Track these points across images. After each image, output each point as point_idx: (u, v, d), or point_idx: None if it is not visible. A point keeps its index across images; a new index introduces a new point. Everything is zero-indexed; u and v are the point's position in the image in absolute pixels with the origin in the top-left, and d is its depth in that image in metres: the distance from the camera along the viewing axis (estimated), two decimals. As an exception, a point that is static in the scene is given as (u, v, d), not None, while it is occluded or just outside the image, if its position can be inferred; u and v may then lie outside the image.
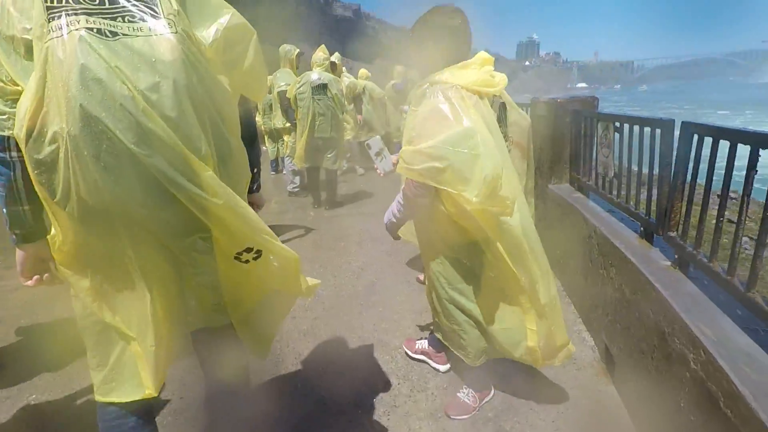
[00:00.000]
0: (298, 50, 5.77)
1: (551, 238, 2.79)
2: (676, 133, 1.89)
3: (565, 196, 3.25)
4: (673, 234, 1.97)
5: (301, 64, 5.88)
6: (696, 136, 1.77)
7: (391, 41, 72.67)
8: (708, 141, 1.70)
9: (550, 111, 3.58)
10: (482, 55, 1.66)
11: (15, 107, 0.98)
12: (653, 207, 2.18)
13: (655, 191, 2.15)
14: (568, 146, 3.49)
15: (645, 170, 2.24)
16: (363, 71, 8.33)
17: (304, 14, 53.07)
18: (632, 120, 2.38)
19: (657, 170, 2.12)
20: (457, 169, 1.46)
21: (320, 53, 5.28)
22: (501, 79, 1.65)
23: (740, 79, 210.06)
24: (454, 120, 1.49)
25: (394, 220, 1.84)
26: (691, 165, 1.83)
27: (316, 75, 5.12)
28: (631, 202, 2.47)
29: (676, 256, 1.90)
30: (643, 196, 2.36)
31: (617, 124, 2.55)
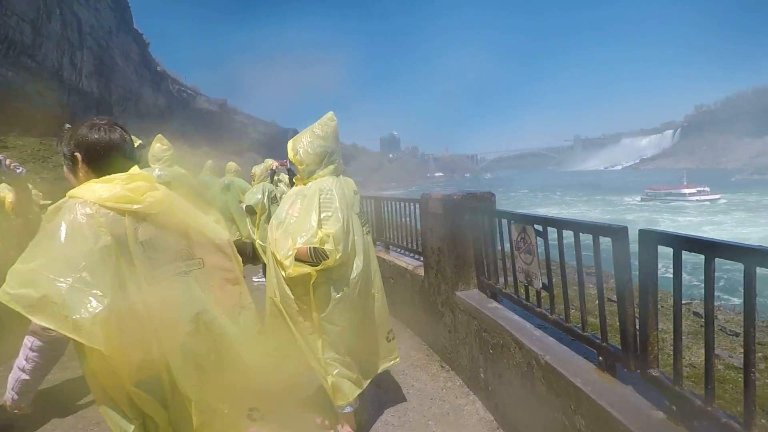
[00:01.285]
0: (139, 141, 4.75)
1: (468, 357, 2.16)
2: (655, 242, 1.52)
3: (480, 306, 2.78)
4: (657, 374, 1.51)
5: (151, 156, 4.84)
6: (671, 249, 1.40)
7: (261, 135, 73.44)
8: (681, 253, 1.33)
9: (446, 209, 3.22)
10: (134, 169, 1.39)
11: None
12: (608, 326, 1.73)
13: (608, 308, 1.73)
14: (471, 247, 3.10)
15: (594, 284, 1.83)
16: (231, 164, 7.56)
17: (166, 109, 50.99)
18: (562, 224, 2.01)
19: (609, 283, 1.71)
20: (52, 302, 1.15)
21: (158, 144, 4.30)
22: (151, 195, 1.35)
23: (555, 169, 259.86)
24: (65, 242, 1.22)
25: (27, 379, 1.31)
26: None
27: (158, 171, 4.14)
28: (574, 322, 2.03)
29: (670, 405, 1.42)
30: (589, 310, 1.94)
31: (539, 226, 2.18)
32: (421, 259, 3.93)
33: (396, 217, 4.69)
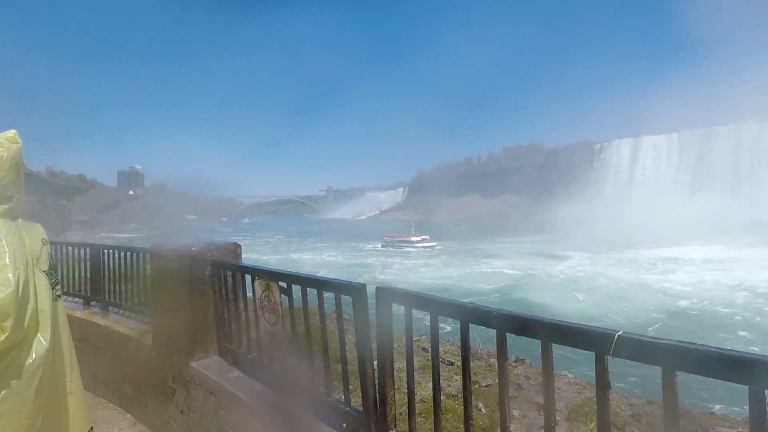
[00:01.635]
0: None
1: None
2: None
3: (220, 378, 2.36)
4: (396, 438, 1.46)
5: None
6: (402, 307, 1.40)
7: None
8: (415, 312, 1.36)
9: (183, 262, 2.72)
10: None
11: None
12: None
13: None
14: (212, 307, 2.68)
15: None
16: None
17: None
18: (307, 281, 1.87)
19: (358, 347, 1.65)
20: None
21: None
22: None
23: (311, 216, 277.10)
24: None
25: None
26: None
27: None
28: (321, 388, 1.87)
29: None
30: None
31: (283, 283, 2.00)
32: (150, 322, 3.21)
33: (120, 269, 3.77)
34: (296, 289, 1.93)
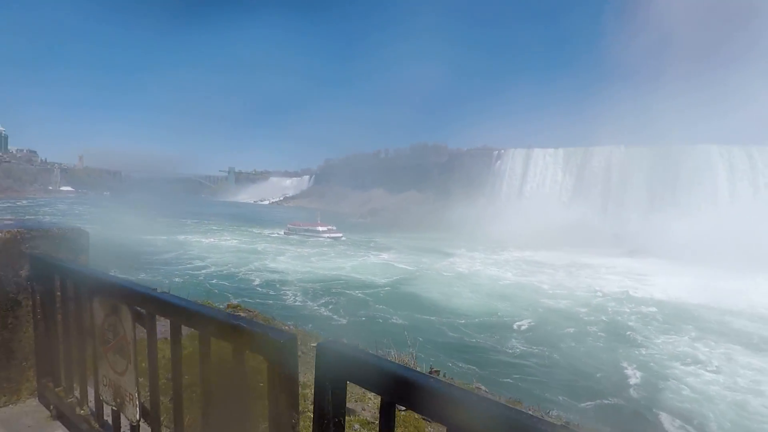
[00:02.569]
0: None
1: None
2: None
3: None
4: None
5: None
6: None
7: None
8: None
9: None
10: None
11: None
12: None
13: None
14: (29, 327, 1.72)
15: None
16: None
17: None
18: (180, 311, 1.09)
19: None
20: None
21: None
22: None
23: (209, 197, 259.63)
24: None
25: None
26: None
27: None
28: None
29: None
30: None
31: (141, 309, 1.19)
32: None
33: None
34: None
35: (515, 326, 37.57)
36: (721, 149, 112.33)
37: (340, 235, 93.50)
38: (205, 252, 66.56)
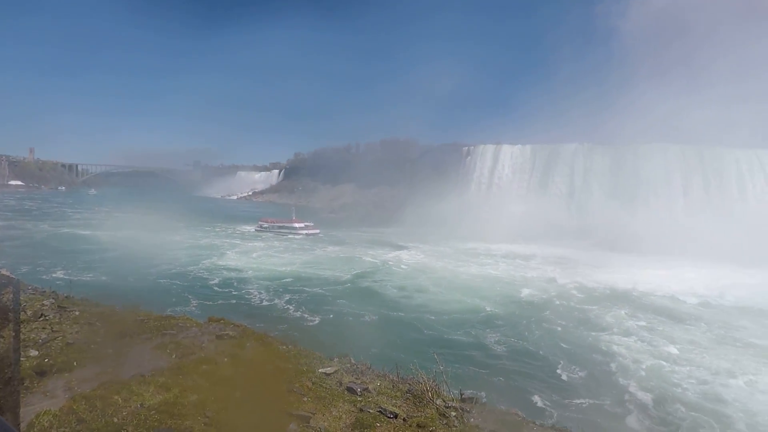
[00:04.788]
0: None
1: None
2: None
3: None
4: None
5: None
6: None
7: None
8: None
9: None
10: None
11: None
12: None
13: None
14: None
15: None
16: None
17: None
18: None
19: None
20: None
21: None
22: None
23: (175, 192, 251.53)
24: None
25: None
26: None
27: None
28: None
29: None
30: None
31: None
32: None
33: None
34: None
35: (485, 319, 38.62)
36: (675, 148, 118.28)
37: (318, 231, 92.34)
38: (155, 249, 63.69)
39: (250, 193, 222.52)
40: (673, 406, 24.29)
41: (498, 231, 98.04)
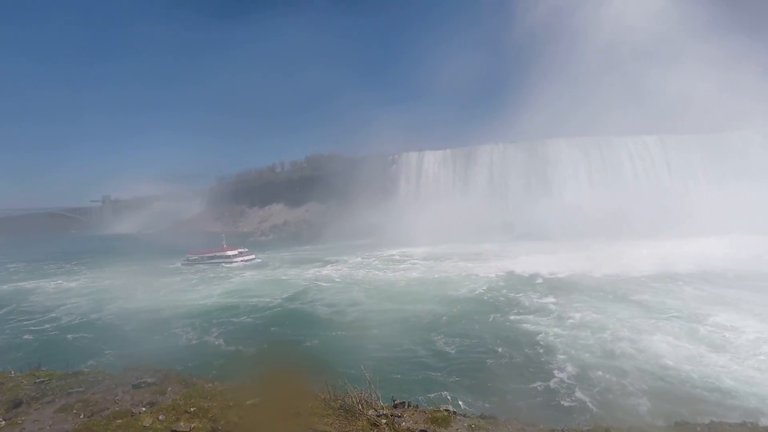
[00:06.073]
0: None
1: None
2: None
3: None
4: None
5: None
6: None
7: None
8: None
9: None
10: None
11: None
12: None
13: None
14: None
15: None
16: None
17: None
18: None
19: None
20: None
21: None
22: None
23: (82, 232, 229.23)
24: None
25: None
26: None
27: None
28: None
29: None
30: None
31: None
32: None
33: None
34: None
35: (420, 322, 39.37)
36: (577, 140, 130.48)
37: (254, 256, 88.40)
38: (51, 300, 57.15)
39: (172, 225, 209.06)
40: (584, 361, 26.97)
41: (427, 234, 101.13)
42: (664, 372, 26.71)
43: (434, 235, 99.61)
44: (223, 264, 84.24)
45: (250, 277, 68.80)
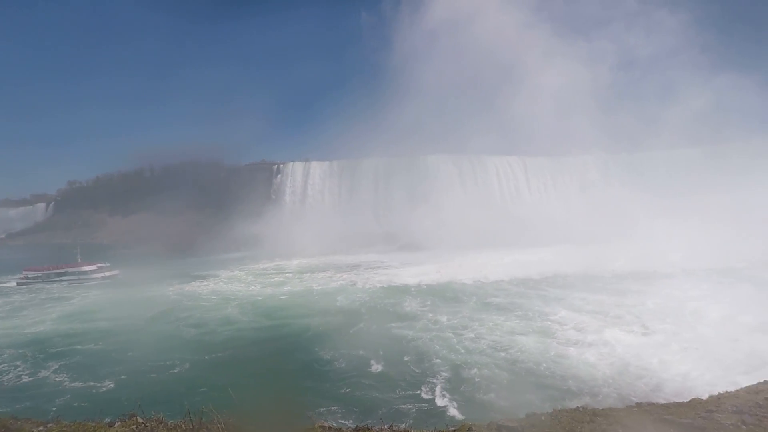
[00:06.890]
0: None
1: None
2: None
3: None
4: None
5: None
6: None
7: None
8: None
9: None
10: None
11: None
12: None
13: None
14: None
15: None
16: None
17: None
18: None
19: None
20: None
21: None
22: None
23: None
24: None
25: None
26: None
27: None
28: None
29: None
30: None
31: None
32: None
33: None
34: None
35: (299, 338, 38.46)
36: (453, 157, 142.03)
37: (117, 272, 77.42)
38: None
39: (4, 236, 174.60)
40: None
41: (311, 245, 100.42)
42: (516, 366, 29.95)
43: (318, 246, 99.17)
44: (79, 281, 73.18)
45: (104, 296, 60.32)
